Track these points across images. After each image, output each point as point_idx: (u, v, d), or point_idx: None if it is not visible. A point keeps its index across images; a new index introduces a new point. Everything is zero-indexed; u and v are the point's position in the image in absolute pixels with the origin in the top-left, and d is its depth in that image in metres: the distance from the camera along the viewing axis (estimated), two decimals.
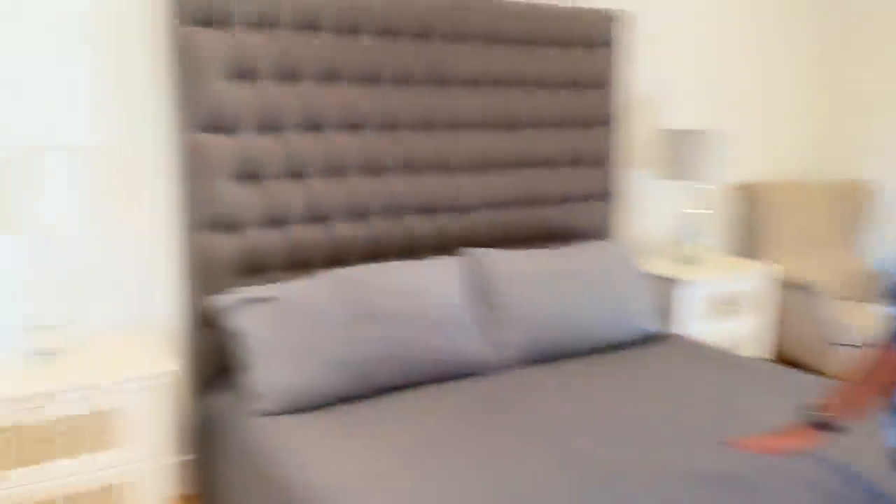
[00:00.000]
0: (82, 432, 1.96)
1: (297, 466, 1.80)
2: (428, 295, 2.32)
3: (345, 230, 2.53)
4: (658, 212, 3.65)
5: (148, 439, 2.05)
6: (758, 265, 3.42)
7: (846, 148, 4.20)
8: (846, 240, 4.04)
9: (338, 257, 2.52)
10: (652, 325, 2.80)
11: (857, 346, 3.33)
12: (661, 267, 3.30)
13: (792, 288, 3.59)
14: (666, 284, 3.17)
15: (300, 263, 2.46)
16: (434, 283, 2.37)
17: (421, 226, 2.68)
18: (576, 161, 3.07)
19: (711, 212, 3.89)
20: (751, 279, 3.35)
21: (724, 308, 3.27)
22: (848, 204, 4.03)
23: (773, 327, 3.70)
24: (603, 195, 3.17)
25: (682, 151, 3.20)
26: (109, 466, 2.00)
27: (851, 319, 3.42)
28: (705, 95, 3.76)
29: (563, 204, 3.06)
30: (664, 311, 3.17)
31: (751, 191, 3.93)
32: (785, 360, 3.94)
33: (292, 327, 2.14)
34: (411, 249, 2.67)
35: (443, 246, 2.75)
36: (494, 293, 2.52)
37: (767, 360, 3.63)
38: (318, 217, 2.48)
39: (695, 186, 3.36)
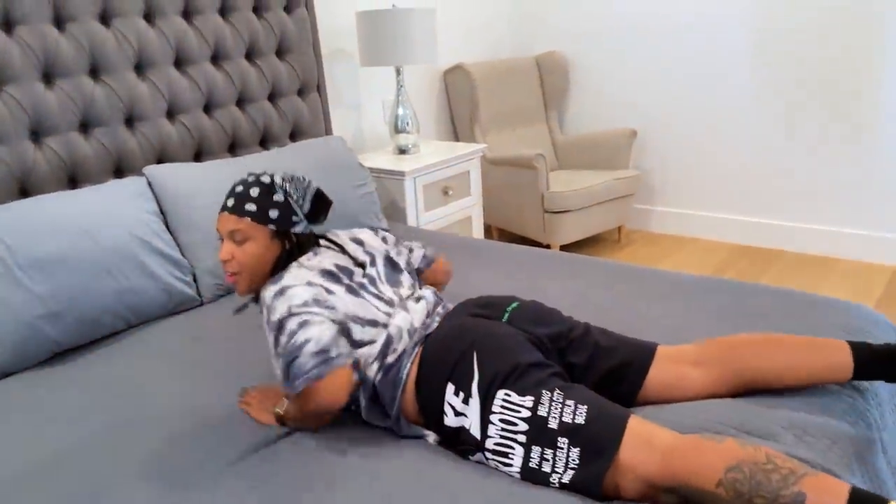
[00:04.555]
0: None
1: None
2: (101, 229, 1.89)
3: None
4: (367, 102, 3.45)
5: None
6: (470, 146, 3.30)
7: (542, 24, 4.24)
8: (548, 112, 4.17)
9: None
10: (377, 222, 2.58)
11: (567, 212, 3.48)
12: (378, 160, 3.10)
13: (505, 164, 3.59)
14: (386, 177, 2.97)
15: None
16: (108, 214, 1.94)
17: (84, 145, 2.19)
18: (277, 51, 2.73)
19: (419, 97, 3.78)
20: (465, 161, 3.22)
21: (444, 193, 3.14)
22: (548, 78, 4.13)
23: (493, 204, 3.75)
24: (311, 87, 2.86)
25: (381, 34, 2.92)
26: None
27: (561, 187, 3.51)
28: None
29: (268, 100, 2.71)
30: (390, 205, 2.99)
31: (456, 73, 3.85)
32: (505, 233, 4.06)
33: None
34: (75, 176, 2.19)
35: (122, 167, 2.30)
36: (185, 216, 2.12)
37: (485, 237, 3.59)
38: None
39: (398, 70, 3.14)
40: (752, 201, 3.78)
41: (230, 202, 1.47)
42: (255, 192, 1.47)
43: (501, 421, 1.24)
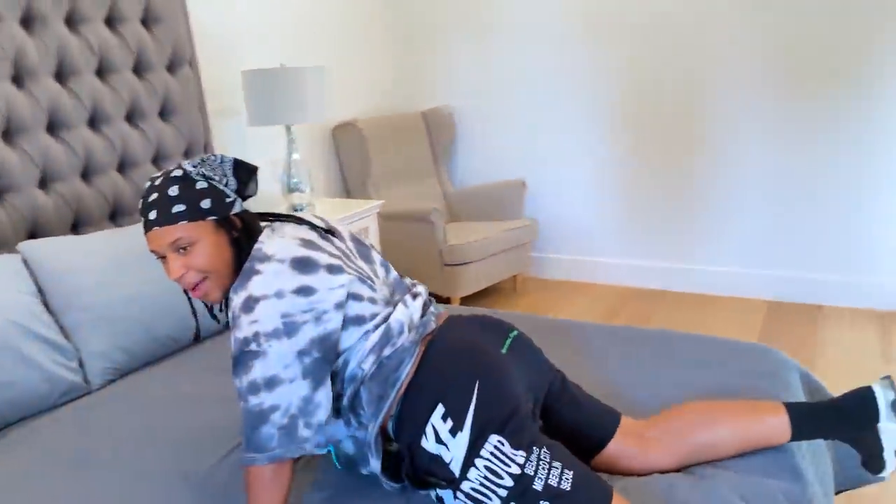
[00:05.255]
0: None
1: None
2: None
3: None
4: (255, 160, 3.36)
5: None
6: (366, 203, 3.28)
7: (427, 81, 4.33)
8: (437, 165, 4.22)
9: None
10: None
11: (466, 263, 3.49)
12: None
13: (400, 219, 3.59)
14: None
15: None
16: None
17: None
18: (161, 112, 2.59)
19: (309, 154, 3.75)
20: (363, 217, 3.19)
21: None
22: (435, 132, 4.19)
23: (389, 259, 3.72)
24: (198, 149, 2.73)
25: (270, 93, 2.86)
26: None
27: (458, 240, 3.53)
28: (283, 34, 3.52)
29: (153, 164, 2.56)
30: None
31: (346, 129, 3.83)
32: None
33: None
34: None
35: None
36: (67, 295, 1.93)
37: None
38: None
39: (288, 129, 3.07)
40: (635, 245, 3.95)
41: (152, 215, 1.25)
42: (174, 190, 1.26)
43: (487, 468, 1.18)
